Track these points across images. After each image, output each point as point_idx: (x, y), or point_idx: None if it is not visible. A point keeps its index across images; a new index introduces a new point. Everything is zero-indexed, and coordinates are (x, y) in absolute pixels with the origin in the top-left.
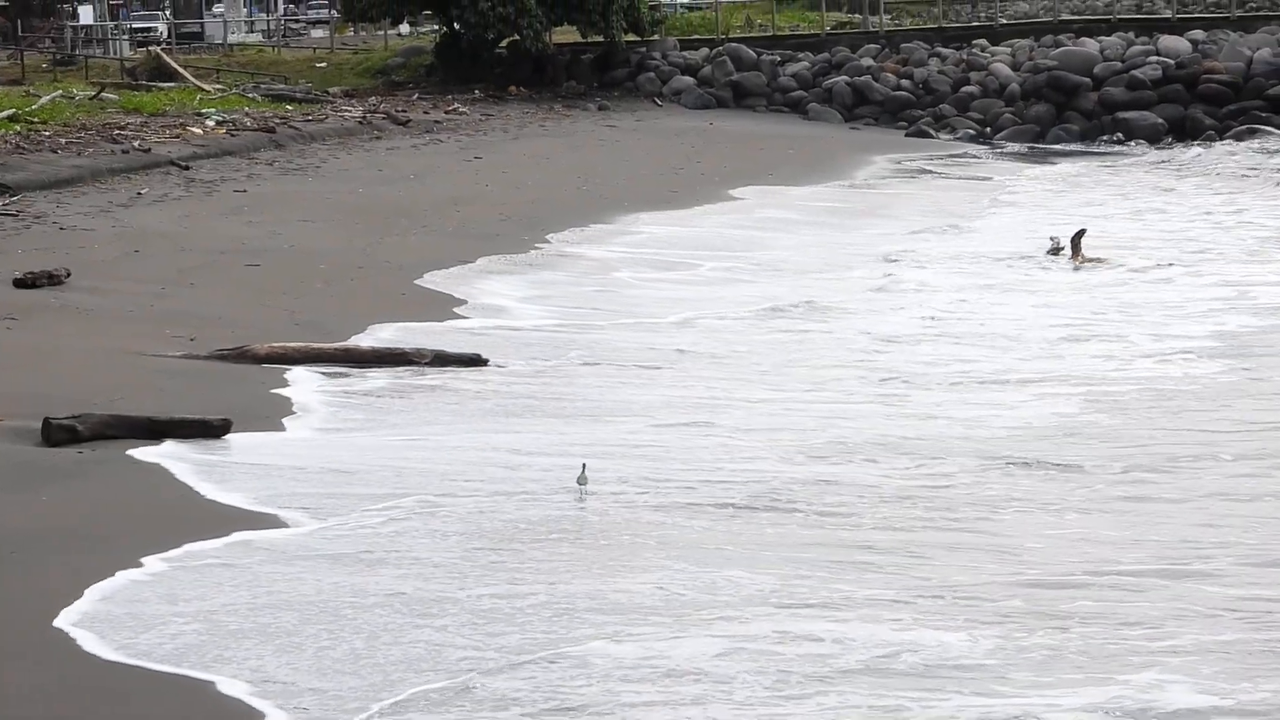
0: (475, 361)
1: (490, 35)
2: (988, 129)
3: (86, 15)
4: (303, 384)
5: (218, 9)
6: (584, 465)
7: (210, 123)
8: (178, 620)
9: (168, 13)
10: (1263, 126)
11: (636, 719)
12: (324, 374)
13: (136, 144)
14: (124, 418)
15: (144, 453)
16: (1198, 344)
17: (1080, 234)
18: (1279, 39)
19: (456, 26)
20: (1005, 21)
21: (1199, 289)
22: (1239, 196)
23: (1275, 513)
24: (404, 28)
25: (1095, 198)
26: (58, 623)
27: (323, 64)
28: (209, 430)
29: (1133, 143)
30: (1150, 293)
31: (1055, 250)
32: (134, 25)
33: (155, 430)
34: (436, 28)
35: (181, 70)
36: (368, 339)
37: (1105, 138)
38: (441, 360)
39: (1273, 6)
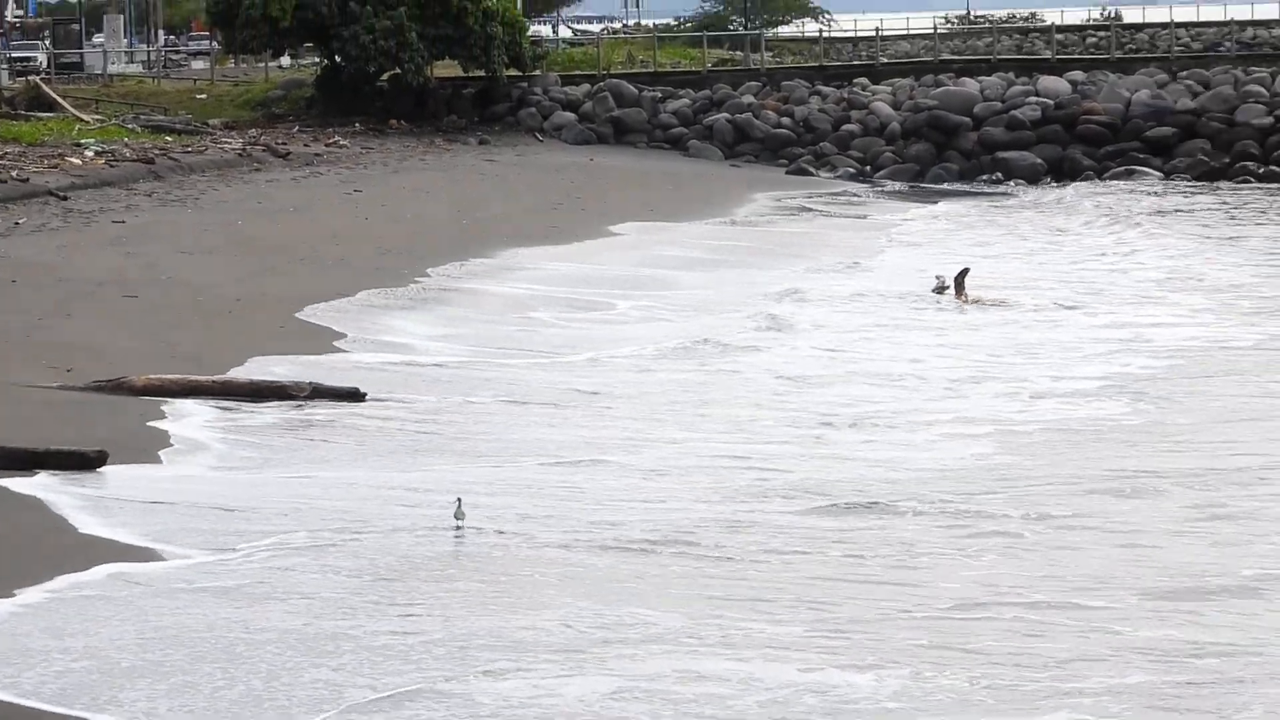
0: (353, 396)
1: (371, 68)
2: (868, 167)
3: None
4: (183, 417)
5: (98, 39)
6: (459, 501)
7: (89, 153)
8: (63, 656)
9: (47, 42)
10: (1140, 168)
11: None
12: (213, 407)
13: (14, 174)
14: None
15: (18, 484)
16: (1099, 385)
17: (964, 273)
18: (1157, 81)
19: (337, 59)
20: (886, 61)
21: (1094, 330)
22: (1125, 234)
23: (1185, 554)
24: (285, 60)
25: (987, 236)
26: None
27: (203, 96)
28: (85, 462)
29: (1012, 182)
30: (1047, 333)
31: (940, 289)
32: (13, 55)
33: (30, 461)
34: (317, 60)
35: (61, 100)
36: (249, 372)
37: (985, 177)
38: (319, 394)
39: (1151, 49)
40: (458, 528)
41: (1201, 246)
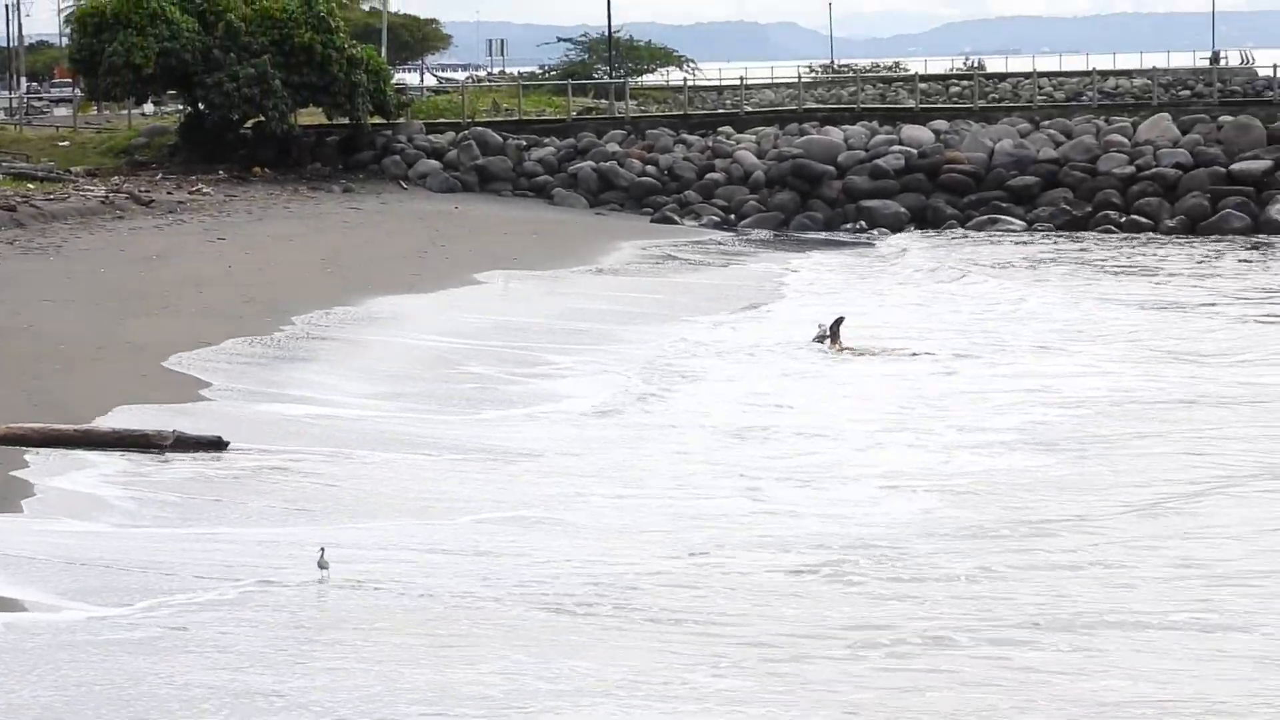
0: (217, 445)
1: (235, 116)
2: (732, 216)
3: None
4: (49, 468)
5: None
6: (322, 550)
7: None
8: None
9: None
10: (1003, 217)
11: None
12: (79, 458)
13: None
14: None
15: None
16: (1014, 437)
17: (838, 322)
18: (1020, 130)
19: (201, 107)
20: (750, 109)
21: (998, 380)
22: (1008, 284)
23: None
24: (148, 107)
25: (878, 286)
26: None
27: (66, 143)
28: None
29: (876, 231)
30: (954, 384)
31: (821, 338)
32: None
33: None
34: (181, 108)
35: None
36: (114, 421)
37: (848, 226)
38: (182, 443)
39: (1014, 98)
40: (321, 580)
41: (1086, 295)
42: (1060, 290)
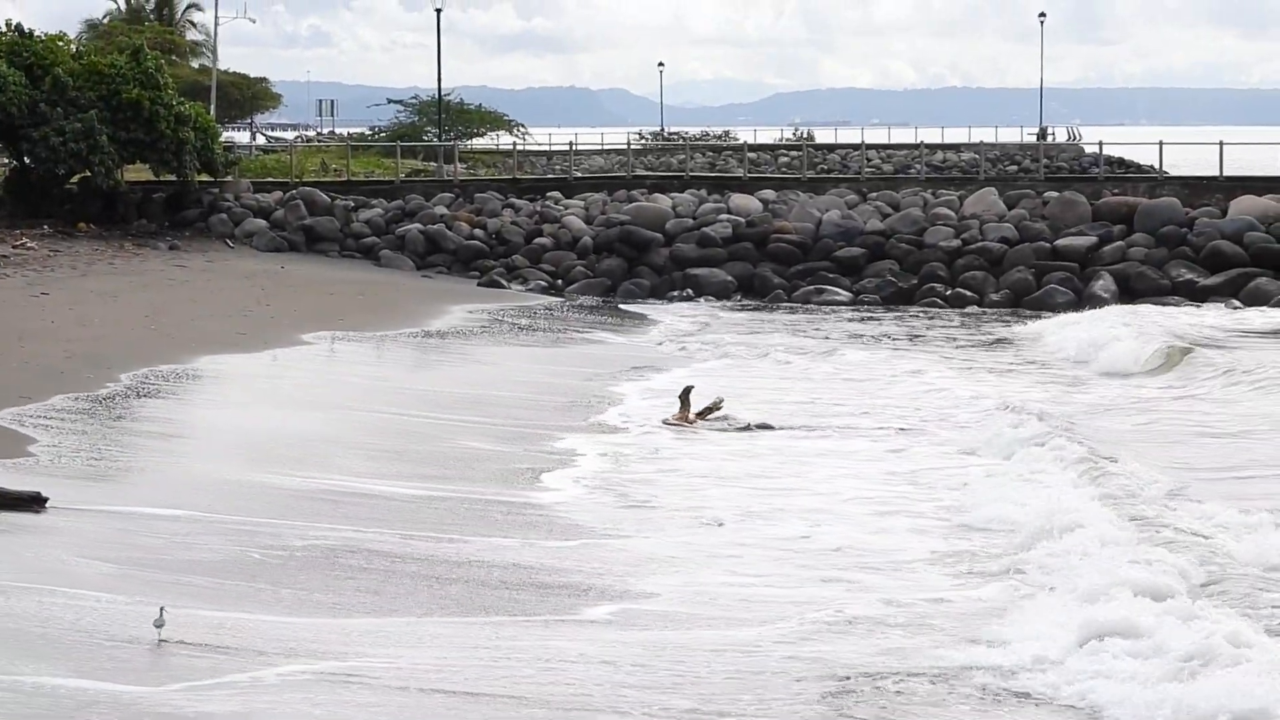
0: (35, 500)
1: (61, 170)
2: (560, 281)
3: None
4: None
5: None
6: (161, 609)
7: None
8: None
9: None
10: (830, 287)
11: None
12: None
13: None
14: None
15: None
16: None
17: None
18: (848, 201)
19: (27, 160)
20: (580, 175)
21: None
22: (875, 356)
23: None
24: None
25: (738, 360)
26: None
27: None
28: None
29: (702, 299)
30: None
31: (704, 411)
32: None
33: None
34: (6, 161)
35: None
36: None
37: (675, 293)
38: None
39: (843, 169)
40: (160, 636)
41: (967, 367)
42: (942, 363)
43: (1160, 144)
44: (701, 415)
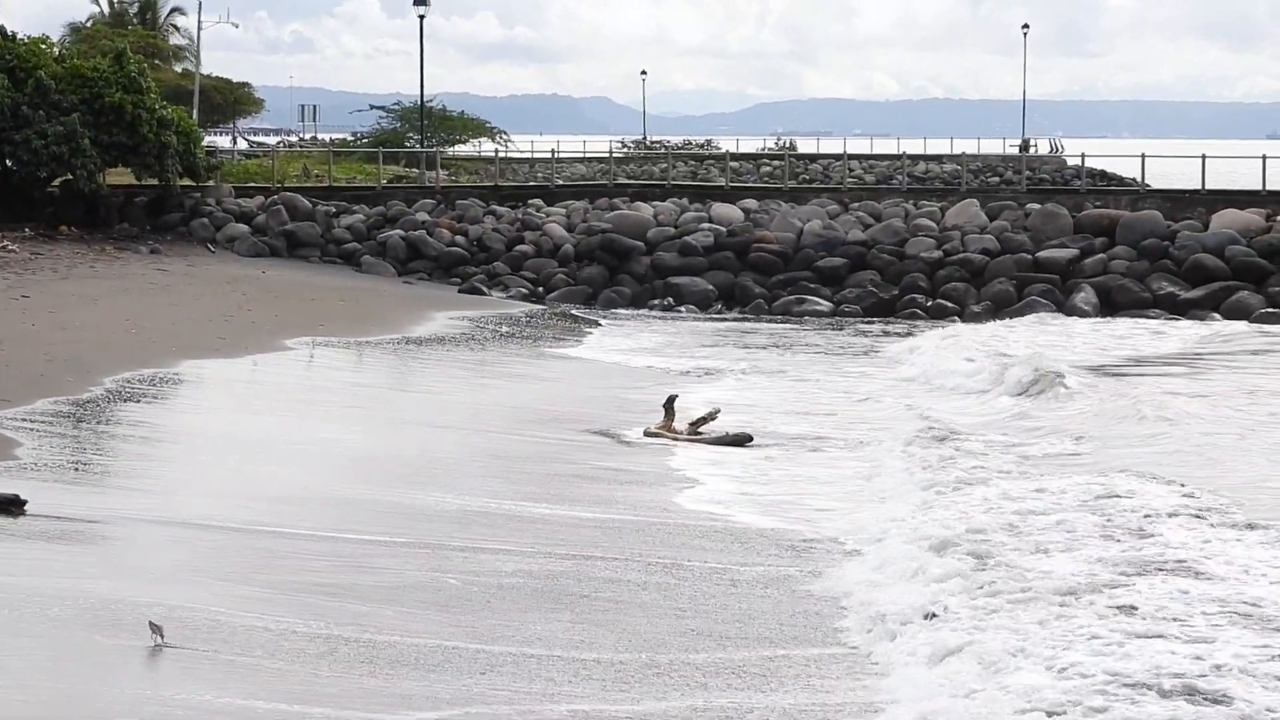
0: (14, 503)
1: (43, 173)
2: (540, 288)
3: None
4: None
5: None
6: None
7: None
8: None
9: None
10: (811, 298)
11: None
12: None
13: None
14: None
15: None
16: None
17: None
18: (829, 211)
19: (9, 163)
20: (562, 182)
21: None
22: (868, 370)
23: None
24: None
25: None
26: None
27: None
28: None
29: (683, 308)
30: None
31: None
32: None
33: None
34: None
35: None
36: None
37: (656, 302)
38: None
39: (825, 180)
40: (158, 644)
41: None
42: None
43: (1143, 157)
44: (695, 426)
